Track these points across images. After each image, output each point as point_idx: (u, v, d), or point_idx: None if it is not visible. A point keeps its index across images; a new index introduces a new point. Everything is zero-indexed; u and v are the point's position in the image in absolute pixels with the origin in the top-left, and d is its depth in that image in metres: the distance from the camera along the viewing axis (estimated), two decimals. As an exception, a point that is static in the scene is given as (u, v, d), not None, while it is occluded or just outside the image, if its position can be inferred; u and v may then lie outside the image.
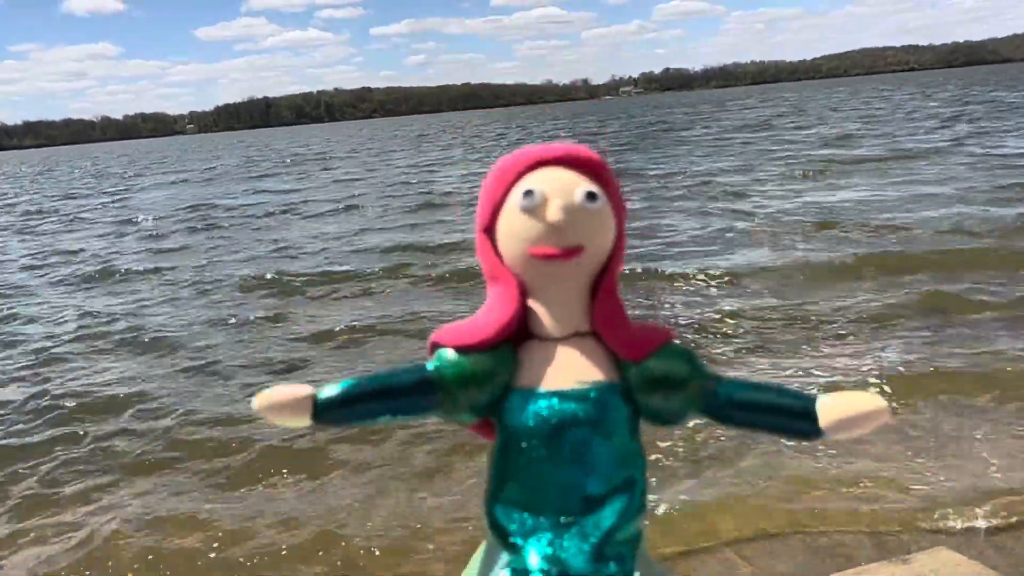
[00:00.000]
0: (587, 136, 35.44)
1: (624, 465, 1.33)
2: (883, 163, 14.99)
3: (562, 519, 1.30)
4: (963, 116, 25.57)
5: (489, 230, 1.36)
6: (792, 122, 31.46)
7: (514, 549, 1.33)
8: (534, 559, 1.31)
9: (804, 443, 3.73)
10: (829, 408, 1.27)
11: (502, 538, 1.35)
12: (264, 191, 21.80)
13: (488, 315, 1.34)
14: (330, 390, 1.37)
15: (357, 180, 22.49)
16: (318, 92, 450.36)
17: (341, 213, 15.27)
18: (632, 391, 1.32)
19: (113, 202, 22.79)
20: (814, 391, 1.33)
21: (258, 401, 1.32)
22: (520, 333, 1.36)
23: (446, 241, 10.61)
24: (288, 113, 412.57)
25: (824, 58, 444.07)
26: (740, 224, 10.25)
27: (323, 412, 1.35)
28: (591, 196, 1.28)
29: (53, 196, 27.68)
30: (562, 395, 1.31)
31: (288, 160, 37.59)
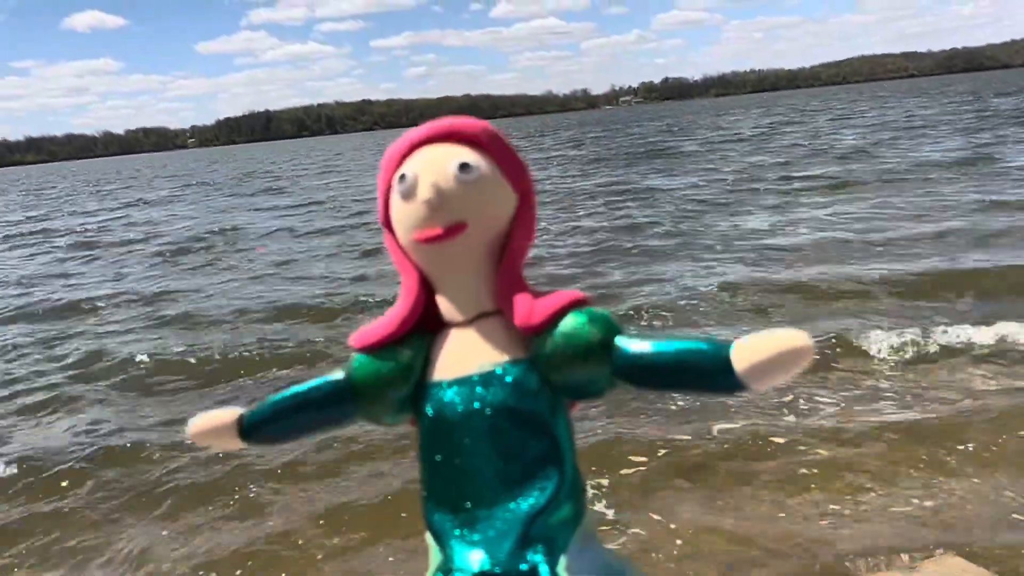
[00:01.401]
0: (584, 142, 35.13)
1: (546, 444, 1.25)
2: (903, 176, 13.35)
3: (486, 510, 1.24)
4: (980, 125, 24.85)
5: (388, 223, 1.31)
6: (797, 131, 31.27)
7: (445, 548, 1.27)
8: (460, 556, 1.24)
9: (731, 399, 3.66)
10: (742, 352, 1.14)
11: (435, 538, 1.30)
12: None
13: (392, 311, 1.31)
14: (254, 410, 1.38)
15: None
16: (319, 105, 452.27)
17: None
18: (541, 365, 1.24)
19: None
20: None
21: (191, 428, 1.38)
22: (435, 323, 1.31)
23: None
24: (289, 126, 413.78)
25: (823, 66, 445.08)
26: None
27: (251, 432, 1.38)
28: (464, 167, 1.22)
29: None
30: (467, 381, 1.25)
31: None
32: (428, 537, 1.31)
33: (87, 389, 5.57)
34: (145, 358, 6.07)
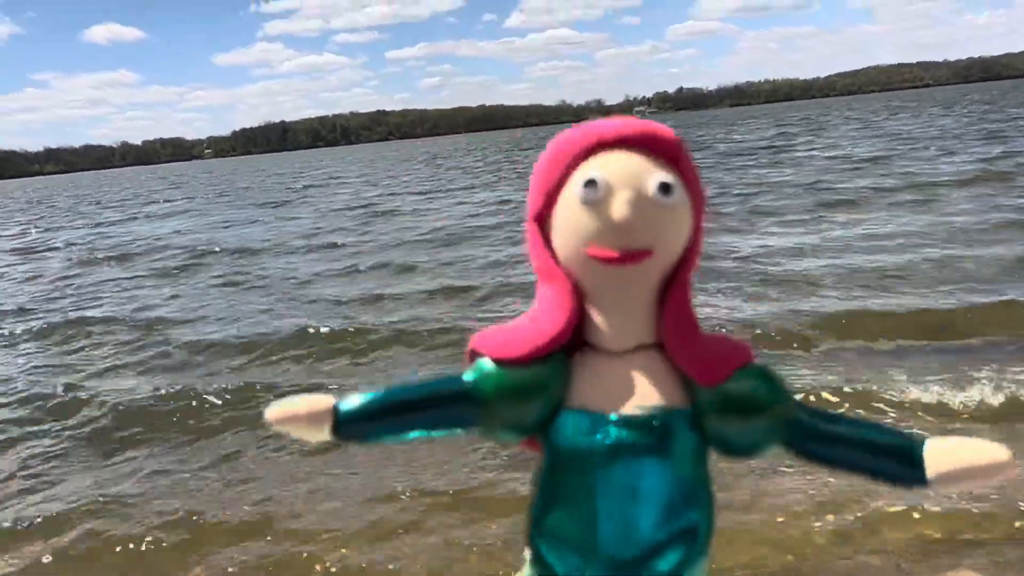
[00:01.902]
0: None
1: (687, 503, 1.16)
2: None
3: (612, 561, 1.15)
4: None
5: (541, 220, 1.17)
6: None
7: None
8: None
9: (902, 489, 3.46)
10: (940, 455, 1.11)
11: (544, 574, 1.21)
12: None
13: (537, 322, 1.17)
14: (353, 401, 1.23)
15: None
16: (334, 116, 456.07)
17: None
18: (703, 417, 1.15)
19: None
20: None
21: (272, 413, 1.21)
22: (575, 341, 1.19)
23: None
24: (305, 137, 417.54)
25: (839, 75, 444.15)
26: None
27: (345, 425, 1.22)
28: (665, 188, 1.08)
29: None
30: (620, 420, 1.14)
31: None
32: (529, 568, 1.24)
33: (63, 434, 5.18)
34: (132, 398, 5.56)
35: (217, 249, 14.29)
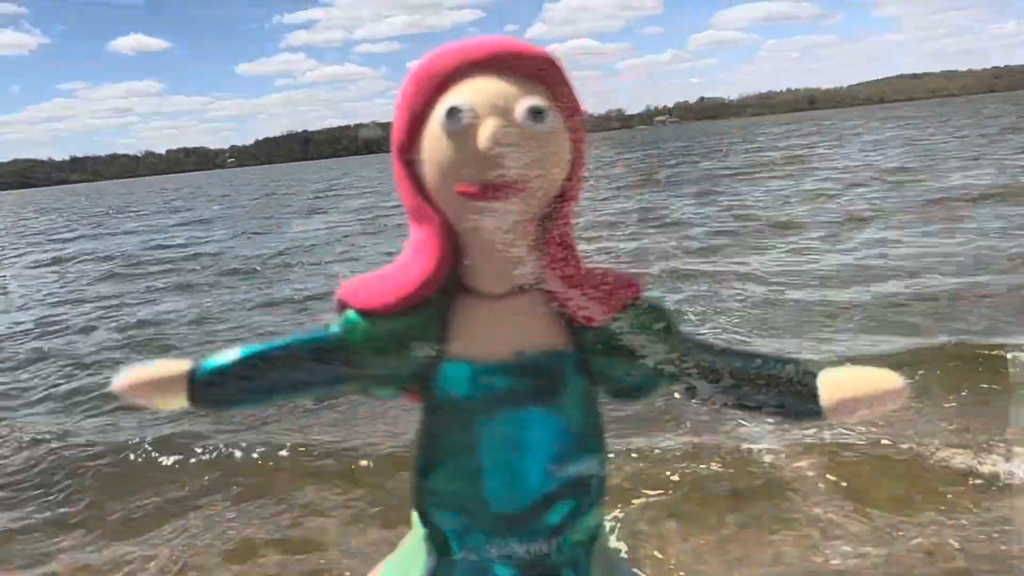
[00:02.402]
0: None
1: (577, 452, 1.11)
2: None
3: (499, 516, 1.09)
4: None
5: (408, 155, 1.09)
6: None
7: (445, 551, 1.12)
8: (468, 567, 1.11)
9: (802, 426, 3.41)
10: (833, 385, 1.09)
11: (431, 536, 1.14)
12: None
13: (407, 267, 1.09)
14: (211, 364, 1.14)
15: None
16: (355, 125, 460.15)
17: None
18: (589, 359, 1.11)
19: None
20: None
21: (119, 382, 1.12)
22: (451, 285, 1.11)
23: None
24: (326, 147, 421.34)
25: (862, 85, 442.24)
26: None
27: (204, 390, 1.12)
28: (536, 113, 1.00)
29: None
30: (500, 368, 1.08)
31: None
32: (417, 530, 1.17)
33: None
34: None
35: (224, 261, 14.20)
